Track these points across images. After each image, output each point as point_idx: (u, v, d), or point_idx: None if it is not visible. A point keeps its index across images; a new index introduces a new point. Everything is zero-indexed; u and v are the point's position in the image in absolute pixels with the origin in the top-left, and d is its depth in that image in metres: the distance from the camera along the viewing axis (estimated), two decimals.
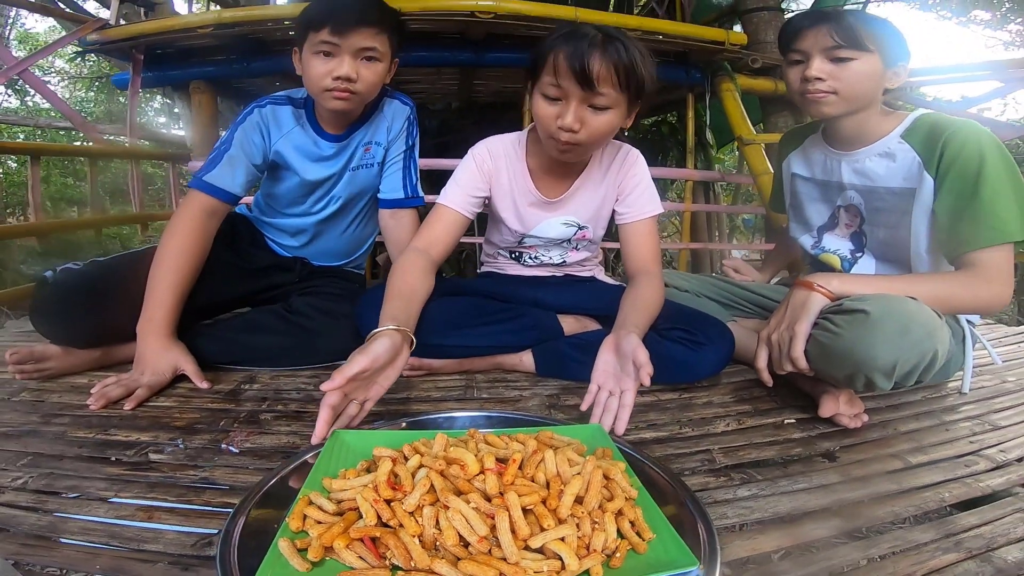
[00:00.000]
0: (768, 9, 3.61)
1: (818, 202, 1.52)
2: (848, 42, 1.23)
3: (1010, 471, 1.00)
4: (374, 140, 1.63)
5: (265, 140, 1.53)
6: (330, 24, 1.33)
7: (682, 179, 3.63)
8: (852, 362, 1.04)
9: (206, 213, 1.45)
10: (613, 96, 1.20)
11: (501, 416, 1.02)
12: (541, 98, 1.25)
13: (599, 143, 1.32)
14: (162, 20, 3.22)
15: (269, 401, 1.25)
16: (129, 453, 1.00)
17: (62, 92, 12.04)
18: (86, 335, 1.39)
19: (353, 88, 1.40)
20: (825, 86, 1.27)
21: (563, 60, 1.17)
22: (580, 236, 1.54)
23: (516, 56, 3.42)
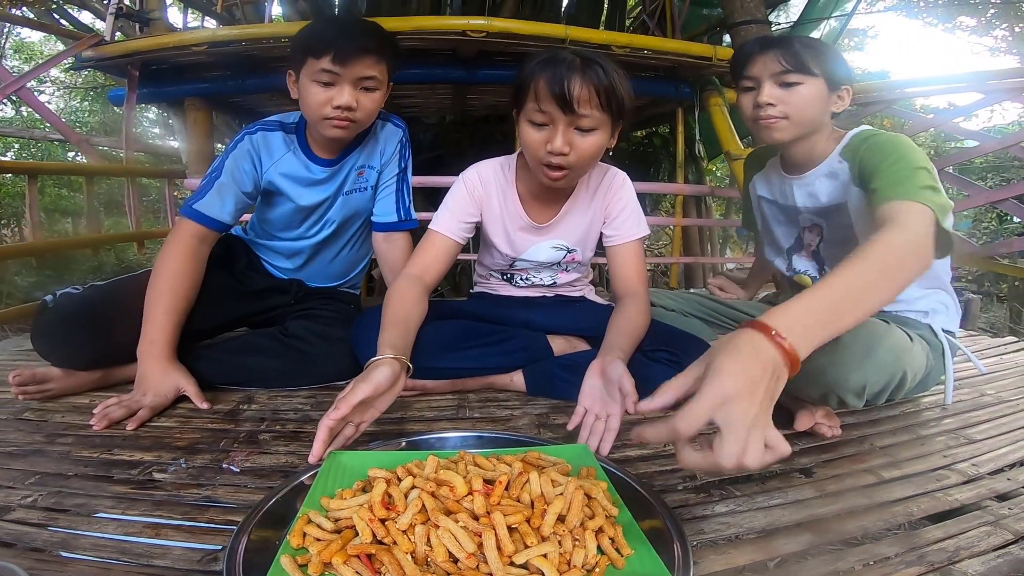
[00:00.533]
0: (756, 22, 3.67)
1: (784, 224, 1.58)
2: (795, 66, 1.29)
3: (981, 485, 1.04)
4: (367, 164, 1.66)
5: (256, 168, 1.55)
6: (332, 53, 1.35)
7: (672, 193, 3.68)
8: (823, 384, 1.10)
9: (196, 239, 1.49)
10: (597, 117, 1.24)
11: (491, 436, 1.07)
12: (528, 125, 1.29)
13: (588, 165, 1.35)
14: (157, 37, 3.26)
15: (267, 421, 1.30)
16: (133, 472, 1.04)
17: (57, 102, 12.09)
18: (86, 358, 1.43)
19: (353, 117, 1.43)
20: (776, 111, 1.33)
21: (544, 85, 1.21)
22: (569, 259, 1.59)
23: (507, 73, 3.48)
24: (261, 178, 1.57)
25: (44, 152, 10.32)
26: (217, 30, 3.37)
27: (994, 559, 0.81)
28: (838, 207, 1.38)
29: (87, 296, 1.41)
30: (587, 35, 3.22)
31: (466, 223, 1.49)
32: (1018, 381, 1.63)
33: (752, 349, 0.72)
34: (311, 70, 1.39)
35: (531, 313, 1.58)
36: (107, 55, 3.13)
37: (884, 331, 1.11)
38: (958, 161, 3.51)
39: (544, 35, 3.13)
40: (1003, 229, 7.15)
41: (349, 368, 1.49)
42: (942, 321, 1.40)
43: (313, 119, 1.46)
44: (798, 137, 1.37)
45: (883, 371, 1.10)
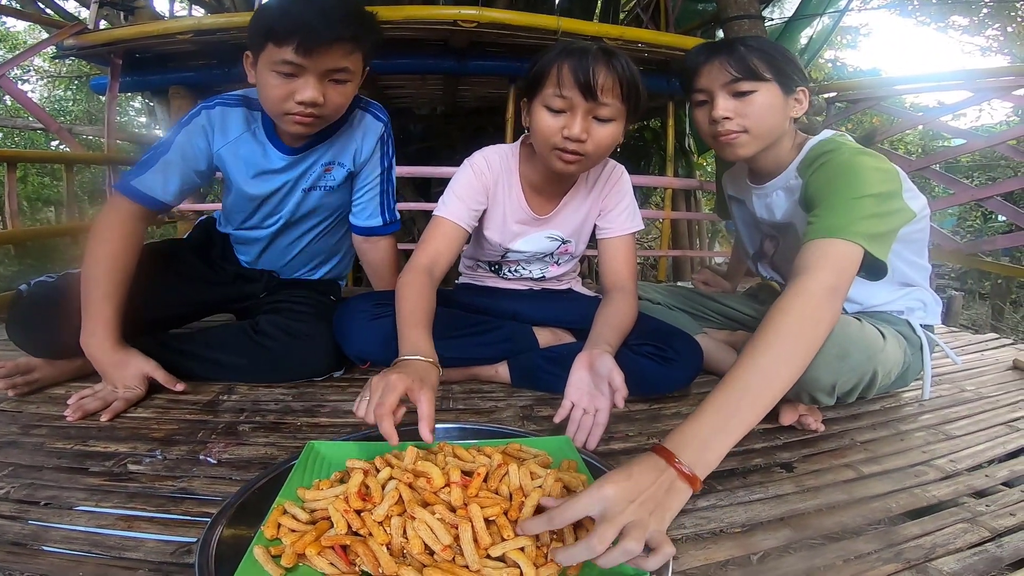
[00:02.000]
0: (749, 17, 3.67)
1: (749, 228, 1.58)
2: (744, 73, 1.23)
3: (958, 481, 1.05)
4: (337, 160, 1.51)
5: (209, 144, 1.41)
6: (296, 41, 1.17)
7: (662, 187, 3.68)
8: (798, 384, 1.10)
9: (133, 219, 1.37)
10: (617, 107, 1.23)
11: (474, 428, 1.07)
12: (544, 110, 1.26)
13: (602, 156, 1.33)
14: (141, 25, 3.23)
15: (247, 412, 1.28)
16: (108, 464, 1.03)
17: (41, 91, 11.95)
18: (62, 346, 1.38)
19: (318, 112, 1.29)
20: (734, 125, 1.26)
21: (568, 71, 1.19)
22: (563, 251, 1.57)
23: (499, 64, 3.48)
24: (213, 155, 1.43)
25: (27, 140, 10.19)
26: (203, 18, 3.34)
27: (970, 556, 0.82)
28: (789, 225, 1.37)
29: (61, 284, 1.37)
30: (579, 27, 3.22)
31: (475, 210, 1.43)
32: (997, 377, 1.65)
33: (650, 464, 0.76)
34: (271, 58, 1.21)
35: (518, 304, 1.57)
36: (89, 43, 3.08)
37: (857, 332, 1.12)
38: (944, 159, 3.54)
39: (536, 26, 3.13)
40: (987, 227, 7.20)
41: (322, 364, 1.48)
42: (920, 317, 1.41)
43: (272, 113, 1.32)
44: (760, 150, 1.31)
45: (854, 371, 1.11)
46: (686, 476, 0.75)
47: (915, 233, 1.32)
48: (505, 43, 3.32)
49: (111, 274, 1.30)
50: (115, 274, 1.30)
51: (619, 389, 1.10)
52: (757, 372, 0.86)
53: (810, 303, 0.94)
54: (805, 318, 0.93)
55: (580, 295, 1.69)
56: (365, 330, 1.38)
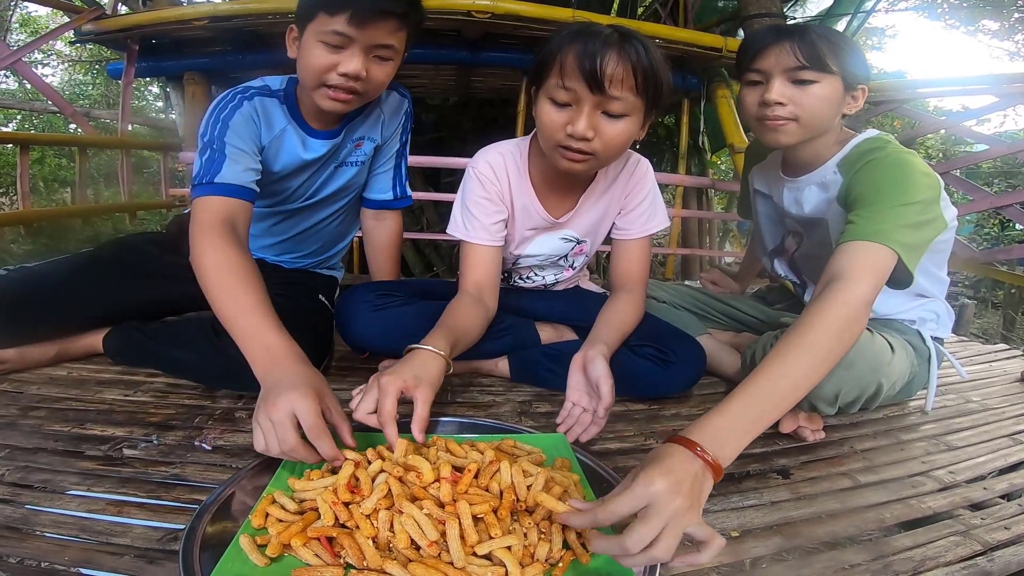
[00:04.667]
0: (770, 16, 3.63)
1: (773, 223, 1.53)
2: (812, 62, 1.17)
3: (956, 493, 1.04)
4: (367, 136, 1.51)
5: (260, 137, 1.35)
6: (349, 12, 1.16)
7: (674, 184, 3.66)
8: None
9: (233, 217, 1.22)
10: (630, 101, 1.08)
11: (470, 422, 1.06)
12: (547, 103, 1.12)
13: (614, 156, 1.18)
14: (158, 11, 3.25)
15: (245, 399, 1.28)
16: (103, 448, 1.04)
17: (62, 75, 12.08)
18: (17, 338, 1.36)
19: (359, 88, 1.26)
20: (786, 112, 1.21)
21: (573, 60, 1.04)
22: (577, 251, 1.49)
23: (512, 56, 3.48)
24: (261, 148, 1.36)
25: (46, 123, 10.29)
26: (219, 5, 3.36)
27: (958, 570, 0.81)
28: (818, 222, 1.33)
29: (12, 277, 1.37)
30: (593, 19, 3.18)
31: (496, 223, 1.34)
32: (1004, 389, 1.63)
33: (682, 455, 0.73)
34: (320, 28, 1.20)
35: (521, 299, 1.54)
36: (107, 29, 3.11)
37: (866, 342, 1.10)
38: (966, 164, 3.48)
39: (550, 18, 3.11)
40: (1004, 235, 7.11)
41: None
42: (932, 329, 1.38)
43: (310, 84, 1.27)
44: (804, 141, 1.26)
45: (858, 382, 1.09)
46: (711, 465, 0.74)
47: (939, 244, 1.29)
48: (519, 35, 3.31)
49: (243, 284, 1.09)
50: (246, 281, 1.10)
51: (604, 397, 1.06)
52: (787, 377, 0.85)
53: (850, 314, 0.92)
54: (843, 330, 0.91)
55: (586, 291, 1.65)
56: (366, 321, 1.37)
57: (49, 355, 1.43)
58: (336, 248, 1.77)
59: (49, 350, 1.42)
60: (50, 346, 1.42)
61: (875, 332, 1.15)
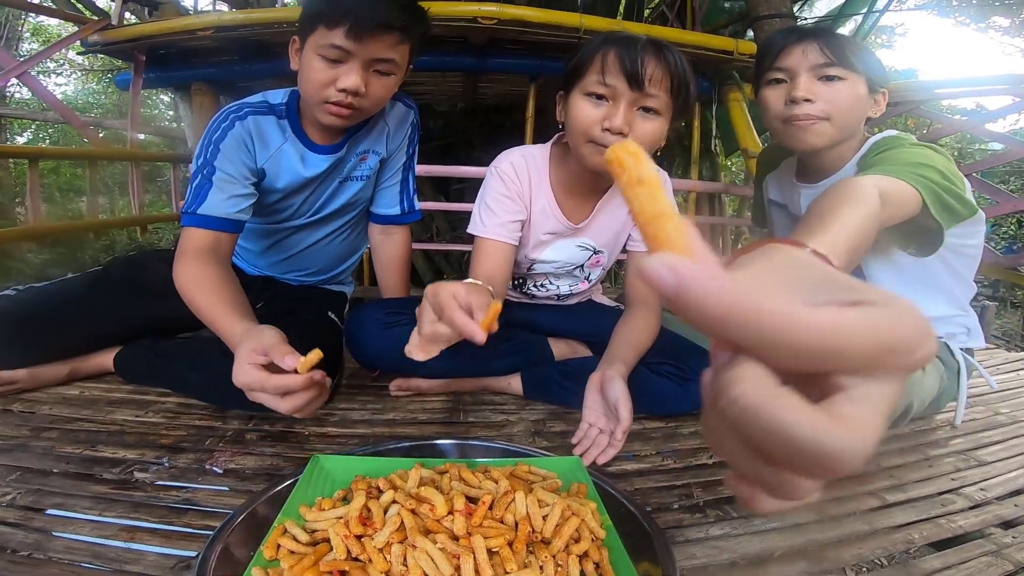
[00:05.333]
0: (780, 16, 3.59)
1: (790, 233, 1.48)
2: (838, 58, 1.15)
3: (987, 511, 1.01)
4: (372, 149, 1.48)
5: (255, 159, 1.34)
6: (348, 25, 1.16)
7: (686, 190, 3.62)
8: None
9: (215, 248, 1.25)
10: (663, 101, 1.15)
11: (483, 445, 1.05)
12: (584, 99, 1.17)
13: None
14: (163, 21, 3.26)
15: (256, 420, 1.28)
16: (115, 471, 1.03)
17: (74, 84, 12.20)
18: (28, 358, 1.36)
19: (357, 104, 1.25)
20: (816, 109, 1.18)
21: (614, 58, 1.12)
22: (594, 262, 1.49)
23: (519, 62, 3.45)
24: (258, 172, 1.36)
25: (59, 133, 10.38)
26: (224, 14, 3.36)
27: None
28: None
29: (22, 298, 1.37)
30: (602, 24, 3.17)
31: (514, 221, 1.35)
32: None
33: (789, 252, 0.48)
34: (319, 41, 1.19)
35: (533, 314, 1.53)
36: (112, 39, 3.13)
37: None
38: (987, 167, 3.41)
39: (558, 23, 3.08)
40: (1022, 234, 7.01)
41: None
42: (962, 342, 1.35)
43: (311, 99, 1.27)
44: (835, 143, 1.21)
45: None
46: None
47: (970, 248, 1.26)
48: (526, 40, 3.28)
49: (217, 292, 1.16)
50: (220, 290, 1.17)
51: (622, 420, 1.07)
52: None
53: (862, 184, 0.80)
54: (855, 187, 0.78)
55: (600, 305, 1.64)
56: (377, 339, 1.36)
57: (61, 374, 1.43)
58: (345, 264, 1.75)
59: (61, 370, 1.42)
60: (62, 366, 1.42)
61: None
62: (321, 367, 1.28)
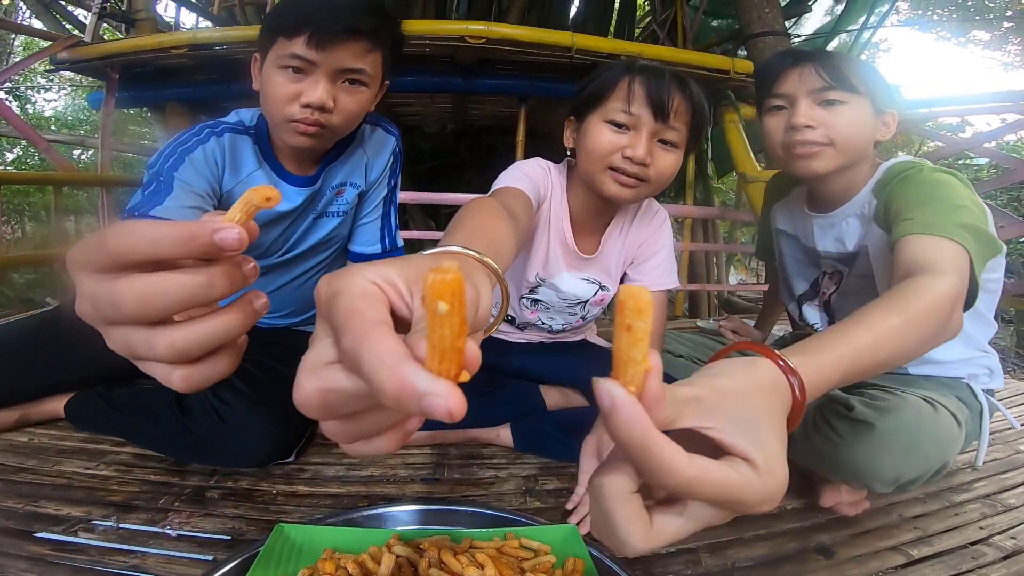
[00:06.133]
0: (774, 34, 3.56)
1: (802, 265, 1.43)
2: (839, 82, 1.12)
3: (1019, 562, 0.96)
4: (349, 181, 1.37)
5: (220, 181, 1.22)
6: (308, 32, 1.06)
7: (681, 216, 3.55)
8: (850, 472, 0.99)
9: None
10: (682, 134, 1.15)
11: (468, 511, 0.95)
12: (603, 125, 1.15)
13: (660, 187, 1.21)
14: (134, 39, 3.19)
15: (219, 476, 1.18)
16: (57, 529, 0.96)
17: (64, 99, 12.15)
18: None
19: (326, 121, 1.13)
20: (817, 135, 1.14)
21: (640, 86, 1.12)
22: (598, 299, 1.43)
23: (509, 83, 3.40)
24: (221, 197, 1.22)
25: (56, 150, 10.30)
26: (199, 32, 3.30)
27: None
28: (858, 255, 1.25)
29: None
30: (595, 43, 3.13)
31: (537, 192, 1.23)
32: None
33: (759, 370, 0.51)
34: (278, 54, 1.10)
35: (525, 359, 1.45)
36: (82, 57, 3.04)
37: (931, 421, 0.99)
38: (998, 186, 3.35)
39: (548, 42, 3.03)
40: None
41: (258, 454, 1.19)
42: (984, 383, 1.28)
43: (274, 119, 1.16)
44: (841, 168, 1.17)
45: (923, 463, 0.98)
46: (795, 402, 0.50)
47: (991, 283, 1.20)
48: (515, 60, 3.23)
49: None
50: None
51: None
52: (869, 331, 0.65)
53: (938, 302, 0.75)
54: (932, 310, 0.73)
55: (594, 347, 1.56)
56: None
57: (10, 420, 1.34)
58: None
59: (10, 416, 1.34)
60: (11, 412, 1.33)
61: (937, 407, 1.05)
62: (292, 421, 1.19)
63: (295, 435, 1.24)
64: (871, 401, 0.97)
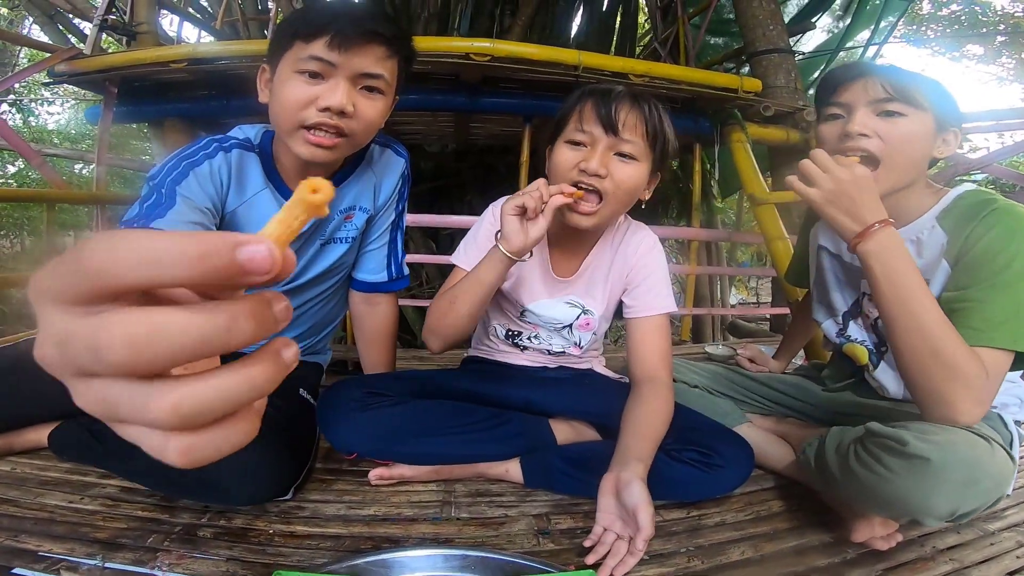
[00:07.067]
0: (779, 51, 3.56)
1: (844, 285, 1.39)
2: (900, 93, 1.09)
3: None
4: (358, 204, 1.33)
5: (223, 199, 1.17)
6: (330, 34, 1.04)
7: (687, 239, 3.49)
8: (902, 507, 0.95)
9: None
10: (640, 146, 1.20)
11: (478, 556, 0.90)
12: (564, 145, 1.23)
13: (622, 203, 1.25)
14: (133, 52, 3.14)
15: (211, 513, 1.11)
16: (38, 567, 0.91)
17: (69, 112, 12.19)
18: None
19: (345, 127, 1.09)
20: (871, 144, 1.11)
21: (591, 106, 1.19)
22: (584, 322, 1.42)
23: (512, 102, 3.35)
24: (225, 216, 1.18)
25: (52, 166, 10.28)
26: (198, 46, 3.25)
27: None
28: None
29: None
30: (602, 62, 3.08)
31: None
32: None
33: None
34: (296, 56, 1.06)
35: (532, 392, 1.40)
36: (80, 70, 3.00)
37: (988, 457, 0.95)
38: None
39: (554, 60, 2.98)
40: None
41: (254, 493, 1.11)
42: (1014, 413, 1.25)
43: (286, 126, 1.10)
44: (890, 187, 1.13)
45: (980, 498, 0.95)
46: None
47: None
48: (519, 79, 3.19)
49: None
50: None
51: (643, 528, 0.95)
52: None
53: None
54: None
55: (602, 379, 1.52)
56: (353, 422, 1.23)
57: None
58: (322, 333, 1.57)
59: None
60: None
61: (994, 444, 1.01)
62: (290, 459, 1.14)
63: (293, 472, 1.18)
64: (925, 436, 0.93)
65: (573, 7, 6.10)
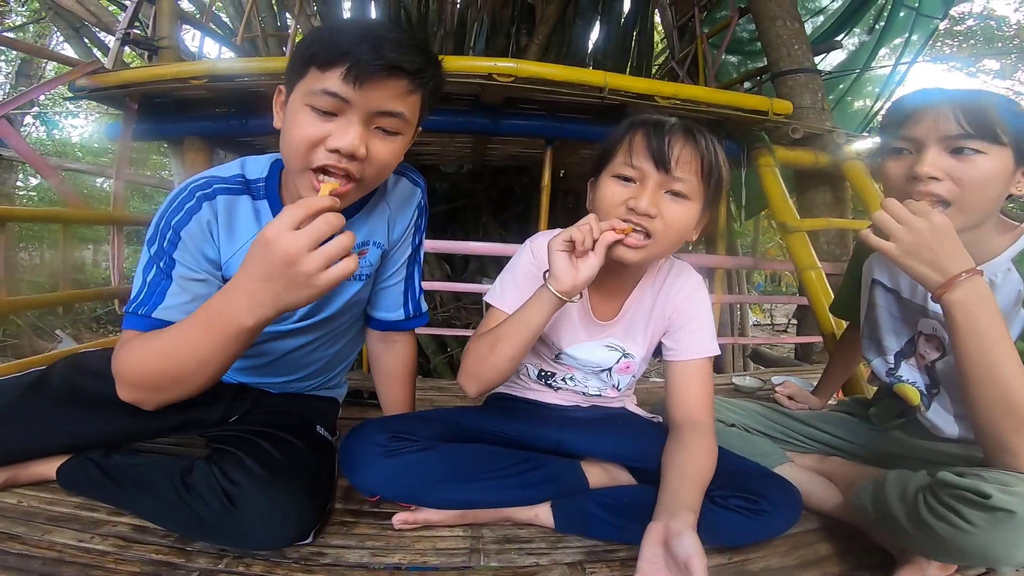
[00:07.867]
0: (804, 71, 3.48)
1: (898, 321, 1.33)
2: (978, 130, 1.02)
3: None
4: (372, 240, 1.26)
5: (218, 252, 1.12)
6: (347, 65, 0.94)
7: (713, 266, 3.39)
8: (981, 558, 0.90)
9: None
10: (693, 185, 1.13)
11: None
12: (612, 180, 1.16)
13: (673, 244, 1.18)
14: (154, 68, 3.13)
15: (229, 558, 1.07)
16: None
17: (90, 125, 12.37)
18: None
19: (355, 172, 1.00)
20: (942, 189, 1.05)
21: (641, 138, 1.12)
22: (623, 367, 1.37)
23: (535, 124, 3.30)
24: (221, 267, 1.14)
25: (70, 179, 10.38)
26: (218, 62, 3.24)
27: None
28: None
29: None
30: (628, 83, 3.03)
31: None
32: None
33: None
34: (309, 87, 0.97)
35: (564, 432, 1.34)
36: (101, 85, 2.99)
37: None
38: None
39: (579, 81, 2.93)
40: None
41: (270, 538, 1.08)
42: None
43: (294, 164, 1.02)
44: (961, 228, 1.04)
45: None
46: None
47: None
48: (540, 100, 3.14)
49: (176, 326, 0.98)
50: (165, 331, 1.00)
51: None
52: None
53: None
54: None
55: (637, 419, 1.46)
56: (377, 468, 1.18)
57: None
58: (337, 370, 1.51)
59: None
60: None
61: None
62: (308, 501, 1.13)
63: (313, 515, 1.12)
64: (1007, 488, 0.88)
65: (590, 26, 6.09)
